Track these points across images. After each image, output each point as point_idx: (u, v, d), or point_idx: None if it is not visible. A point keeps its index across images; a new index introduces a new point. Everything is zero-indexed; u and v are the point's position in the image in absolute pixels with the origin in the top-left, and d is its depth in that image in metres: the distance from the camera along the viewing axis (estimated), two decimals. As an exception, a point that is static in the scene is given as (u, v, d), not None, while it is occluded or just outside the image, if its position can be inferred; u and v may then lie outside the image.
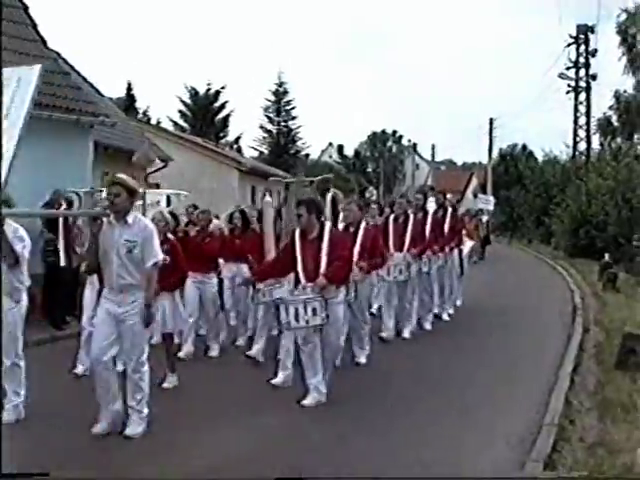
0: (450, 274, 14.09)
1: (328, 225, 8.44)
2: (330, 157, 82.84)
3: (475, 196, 36.24)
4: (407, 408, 8.04)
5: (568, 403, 8.09)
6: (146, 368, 7.02)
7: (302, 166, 55.86)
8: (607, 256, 21.49)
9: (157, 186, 26.57)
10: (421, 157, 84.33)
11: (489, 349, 11.59)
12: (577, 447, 6.72)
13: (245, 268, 10.99)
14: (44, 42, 15.12)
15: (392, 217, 12.11)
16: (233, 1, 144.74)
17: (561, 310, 15.24)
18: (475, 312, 14.81)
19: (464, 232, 15.35)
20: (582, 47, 36.76)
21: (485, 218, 30.57)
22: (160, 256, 7.07)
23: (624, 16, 36.17)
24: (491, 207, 33.42)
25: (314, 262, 8.14)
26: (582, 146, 37.37)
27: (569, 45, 36.93)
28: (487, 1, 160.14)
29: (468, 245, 15.36)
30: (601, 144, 39.67)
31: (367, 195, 14.04)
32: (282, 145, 68.34)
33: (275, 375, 8.85)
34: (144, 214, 8.94)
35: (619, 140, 38.77)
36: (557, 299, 17.21)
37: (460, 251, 14.49)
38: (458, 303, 15.16)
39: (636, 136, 38.55)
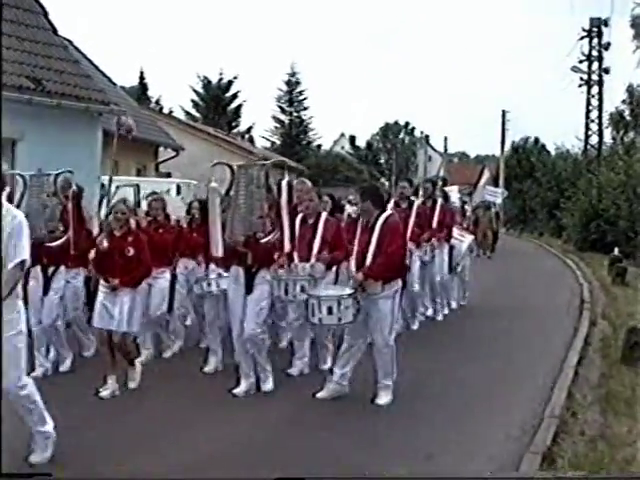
0: (440, 270, 12.70)
1: (385, 214, 7.74)
2: (342, 148, 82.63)
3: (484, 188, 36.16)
4: (407, 402, 7.98)
5: (571, 396, 8.09)
6: (24, 382, 5.76)
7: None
8: (617, 250, 21.44)
9: (168, 175, 26.76)
10: (433, 149, 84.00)
11: (494, 341, 11.53)
12: (578, 440, 6.72)
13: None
14: (55, 30, 15.16)
15: None
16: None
17: (569, 303, 15.19)
18: (481, 304, 14.70)
19: (464, 225, 14.74)
20: (595, 40, 36.59)
21: (494, 211, 30.31)
22: (27, 256, 5.69)
23: (638, 9, 36.00)
24: (499, 200, 33.16)
25: (362, 252, 7.68)
26: (594, 140, 37.20)
27: (582, 38, 36.77)
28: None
29: (467, 240, 14.20)
30: (613, 138, 39.57)
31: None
32: (294, 135, 68.37)
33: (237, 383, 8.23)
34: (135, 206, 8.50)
35: (631, 134, 38.62)
36: (566, 292, 17.14)
37: (451, 247, 13.07)
38: (462, 303, 14.48)
39: (648, 130, 38.43)
